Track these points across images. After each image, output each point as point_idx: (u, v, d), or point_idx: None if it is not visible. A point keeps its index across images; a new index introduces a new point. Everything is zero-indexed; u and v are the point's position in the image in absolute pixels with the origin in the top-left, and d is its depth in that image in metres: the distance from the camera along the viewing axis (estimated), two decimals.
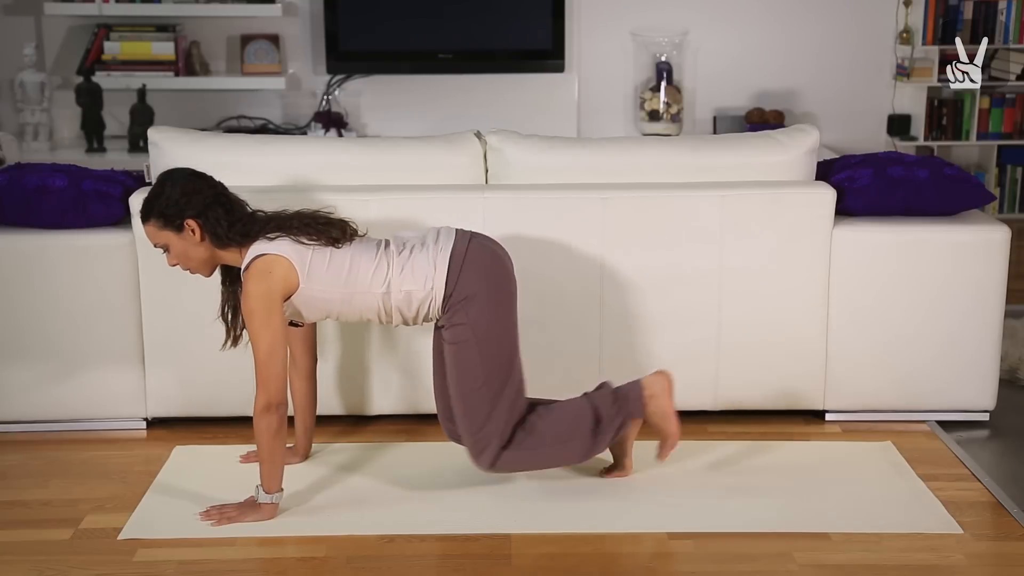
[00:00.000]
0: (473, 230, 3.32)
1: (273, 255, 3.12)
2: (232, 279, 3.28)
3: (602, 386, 3.44)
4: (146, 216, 3.19)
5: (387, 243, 3.24)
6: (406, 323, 3.24)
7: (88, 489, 3.41)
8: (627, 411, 3.29)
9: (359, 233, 3.27)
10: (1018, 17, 6.51)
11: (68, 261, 3.67)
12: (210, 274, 3.26)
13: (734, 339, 3.74)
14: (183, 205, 3.13)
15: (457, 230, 3.27)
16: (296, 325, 3.37)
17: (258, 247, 3.14)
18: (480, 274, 3.18)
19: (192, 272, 3.24)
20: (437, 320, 3.21)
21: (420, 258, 3.19)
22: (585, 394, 3.34)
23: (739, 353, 3.75)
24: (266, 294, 3.09)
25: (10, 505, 3.33)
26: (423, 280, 3.16)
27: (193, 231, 3.15)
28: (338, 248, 3.18)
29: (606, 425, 3.27)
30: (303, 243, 3.14)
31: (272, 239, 3.14)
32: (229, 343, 3.30)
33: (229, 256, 3.20)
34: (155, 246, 3.22)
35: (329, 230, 3.19)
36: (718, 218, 3.67)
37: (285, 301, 3.15)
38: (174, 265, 3.22)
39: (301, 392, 3.48)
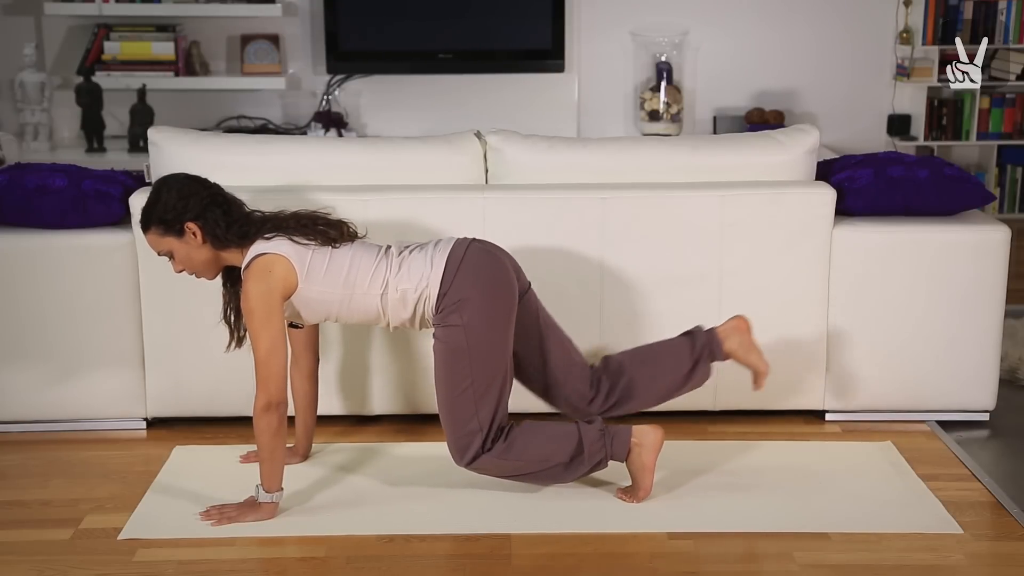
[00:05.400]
0: (477, 237, 3.31)
1: (273, 254, 3.12)
2: (233, 281, 3.28)
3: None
4: (146, 225, 3.18)
5: (388, 247, 3.25)
6: (405, 326, 3.24)
7: (88, 489, 3.41)
8: (610, 451, 3.24)
9: (358, 235, 3.27)
10: (1018, 17, 6.51)
11: (68, 261, 3.67)
12: (214, 277, 3.26)
13: None
14: (181, 209, 3.13)
15: (460, 238, 3.27)
16: (296, 327, 3.37)
17: (258, 247, 3.14)
18: (476, 277, 3.17)
19: (197, 276, 3.24)
20: (432, 320, 3.21)
21: (418, 257, 3.19)
22: (578, 422, 3.27)
23: None
24: (266, 293, 3.09)
25: (10, 505, 3.33)
26: (418, 278, 3.16)
27: (195, 234, 3.15)
28: (336, 248, 3.18)
29: (586, 458, 3.22)
30: (301, 243, 3.14)
31: (270, 239, 3.14)
32: (233, 345, 3.30)
33: (230, 256, 3.20)
34: (159, 254, 3.22)
35: (327, 231, 3.19)
36: (718, 218, 3.67)
37: (284, 301, 3.15)
38: (180, 271, 3.22)
39: (302, 392, 3.48)
